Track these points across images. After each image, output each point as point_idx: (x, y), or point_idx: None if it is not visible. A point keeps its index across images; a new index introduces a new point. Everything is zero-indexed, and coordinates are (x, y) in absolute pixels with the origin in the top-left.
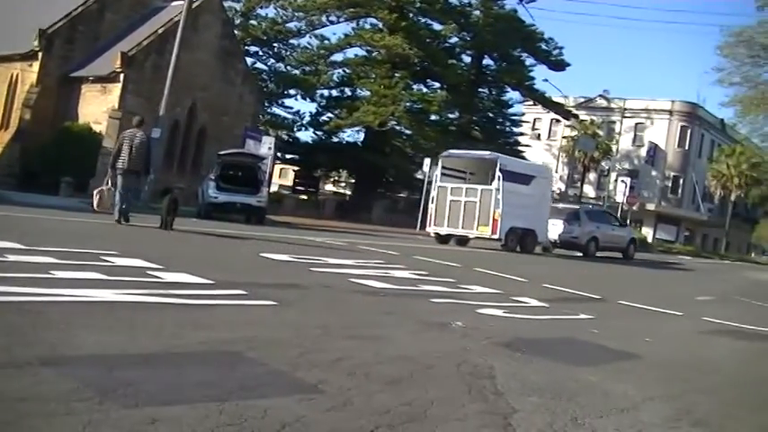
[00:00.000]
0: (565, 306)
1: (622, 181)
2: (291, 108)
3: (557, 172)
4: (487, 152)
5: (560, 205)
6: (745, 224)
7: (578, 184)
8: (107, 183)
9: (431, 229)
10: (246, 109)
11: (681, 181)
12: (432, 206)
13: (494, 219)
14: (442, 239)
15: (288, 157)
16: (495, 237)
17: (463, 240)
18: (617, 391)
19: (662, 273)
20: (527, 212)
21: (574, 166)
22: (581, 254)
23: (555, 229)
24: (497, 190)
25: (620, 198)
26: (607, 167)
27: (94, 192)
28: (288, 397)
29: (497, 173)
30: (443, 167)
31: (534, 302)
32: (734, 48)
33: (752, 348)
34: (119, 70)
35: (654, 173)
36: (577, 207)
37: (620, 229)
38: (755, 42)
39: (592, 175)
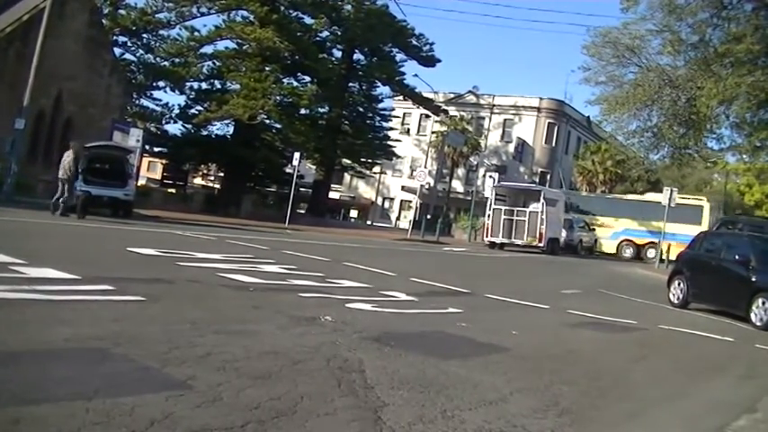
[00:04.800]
0: (433, 300)
1: (490, 176)
2: (160, 100)
3: (425, 167)
4: (534, 185)
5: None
6: None
7: (447, 179)
8: None
9: (487, 239)
10: (114, 100)
11: (548, 176)
12: (488, 222)
13: (540, 232)
14: (498, 247)
15: (156, 149)
16: (542, 245)
17: (503, 245)
18: (485, 384)
19: (526, 265)
20: (555, 227)
21: (443, 161)
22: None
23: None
24: (542, 212)
25: (488, 193)
26: (476, 163)
27: None
28: (156, 393)
29: (542, 200)
30: (497, 194)
31: (403, 296)
32: (600, 48)
33: (612, 339)
34: None
35: (522, 168)
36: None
37: (591, 232)
38: (620, 43)
39: (460, 171)
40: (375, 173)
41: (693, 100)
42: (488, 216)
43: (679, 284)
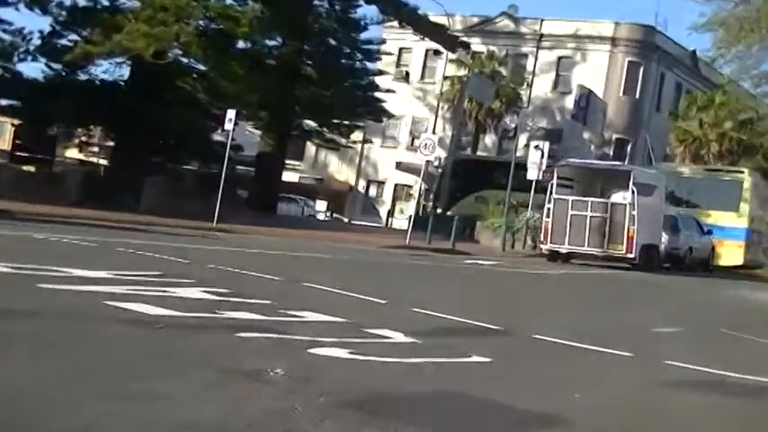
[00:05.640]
0: (448, 343)
1: (537, 147)
2: (11, 24)
3: (434, 132)
4: (618, 162)
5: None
6: None
7: (468, 151)
8: None
9: (546, 247)
10: None
11: (628, 147)
12: (547, 221)
13: (628, 236)
14: (562, 258)
15: (3, 103)
16: (631, 256)
17: (567, 257)
18: None
19: (601, 288)
20: (652, 227)
21: (461, 122)
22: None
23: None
24: (632, 205)
25: (532, 173)
26: (513, 125)
27: None
28: None
29: (631, 186)
30: (559, 177)
31: (399, 337)
32: None
33: (738, 409)
34: None
35: (586, 134)
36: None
37: (705, 236)
38: None
39: (489, 138)
40: (354, 142)
41: None
42: (548, 212)
43: None
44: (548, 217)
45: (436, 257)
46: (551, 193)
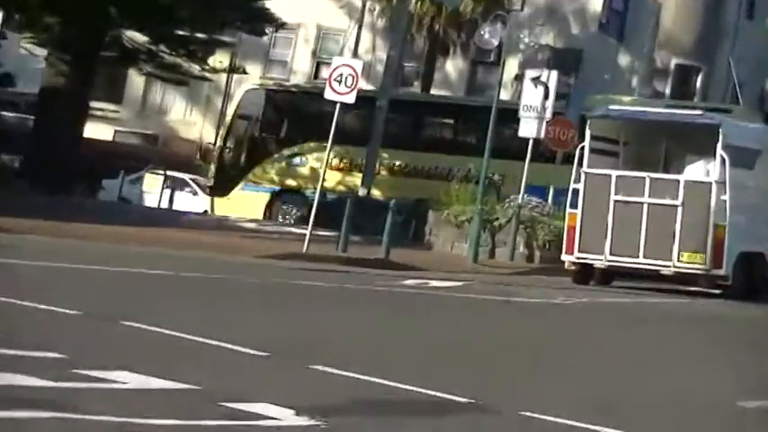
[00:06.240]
0: (373, 426)
1: (536, 80)
2: None
3: (357, 54)
4: (695, 111)
5: None
6: None
7: (416, 87)
8: None
9: (571, 257)
10: None
11: (697, 80)
12: (573, 213)
13: (716, 238)
14: (598, 278)
15: None
16: (720, 273)
17: (606, 275)
18: None
19: (667, 332)
20: (757, 223)
21: (405, 37)
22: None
23: None
24: (721, 184)
25: (527, 128)
26: (495, 41)
27: None
28: None
29: (720, 152)
30: (594, 138)
31: (287, 417)
32: None
33: None
34: None
35: (624, 58)
36: None
37: None
38: None
39: (453, 65)
40: (214, 71)
41: None
42: (578, 196)
43: None
44: (573, 207)
45: (355, 276)
46: (579, 164)
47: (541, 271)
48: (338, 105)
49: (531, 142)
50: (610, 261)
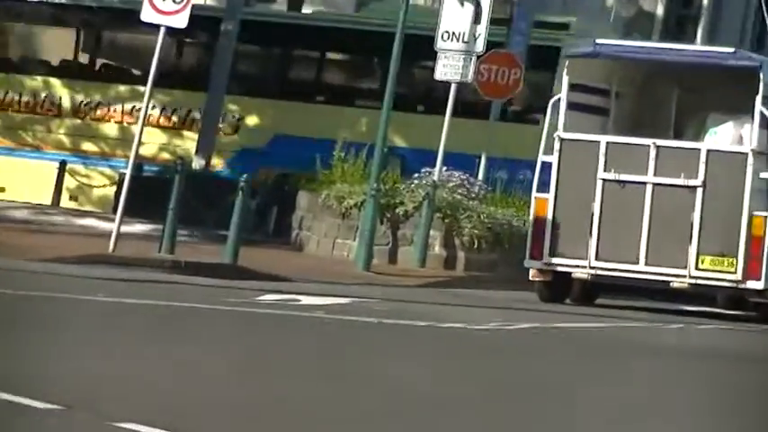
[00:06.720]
0: None
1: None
2: None
3: None
4: (729, 49)
5: None
6: None
7: (279, 4)
8: None
9: (537, 264)
10: None
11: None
12: (542, 198)
13: (752, 236)
14: (576, 293)
15: None
16: (758, 286)
17: (589, 289)
18: None
19: (675, 375)
20: None
21: None
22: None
23: None
24: (762, 155)
25: (445, 69)
26: None
27: None
28: None
29: (760, 108)
30: (573, 87)
31: None
32: None
33: None
34: None
35: None
36: None
37: None
38: None
39: None
40: None
41: None
42: (553, 174)
43: None
44: (543, 190)
45: (183, 290)
46: (553, 127)
47: (469, 281)
48: (162, 30)
49: (453, 88)
50: (596, 269)
